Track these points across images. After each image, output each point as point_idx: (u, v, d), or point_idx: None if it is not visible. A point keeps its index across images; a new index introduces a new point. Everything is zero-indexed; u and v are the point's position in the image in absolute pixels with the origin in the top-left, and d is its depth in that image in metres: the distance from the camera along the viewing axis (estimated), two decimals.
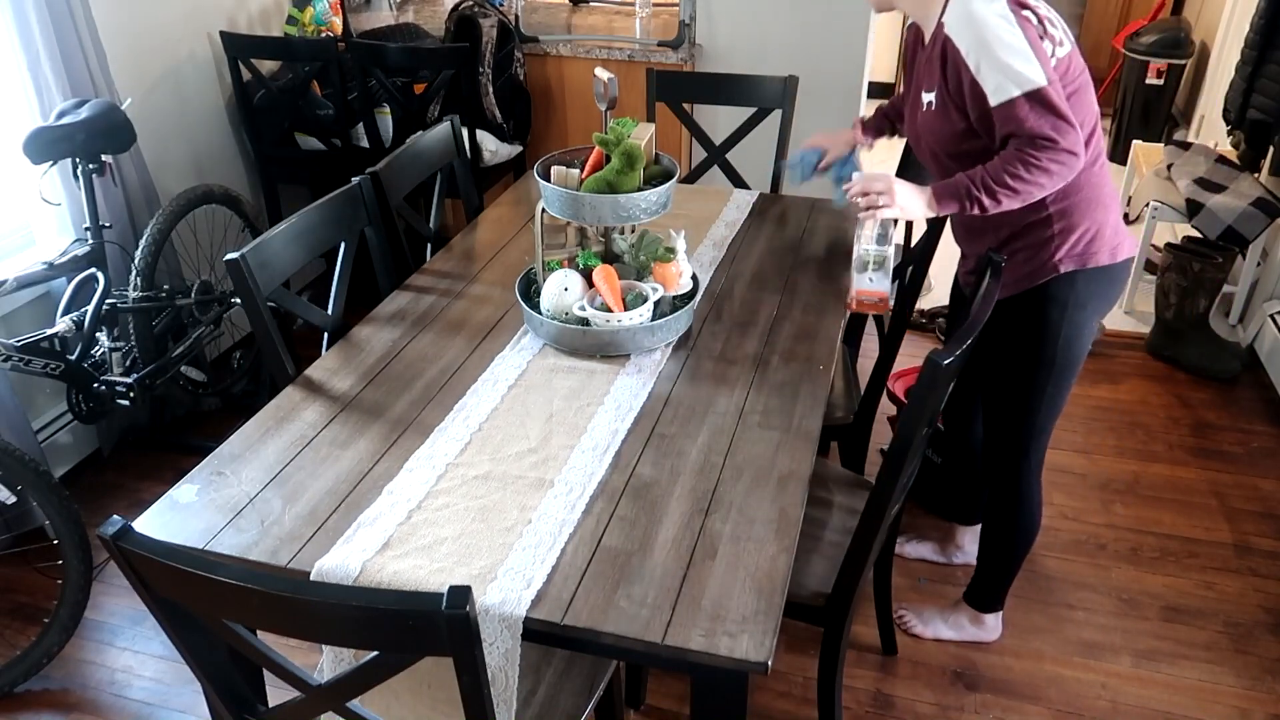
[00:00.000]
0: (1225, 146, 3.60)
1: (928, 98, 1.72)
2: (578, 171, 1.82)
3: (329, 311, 1.97)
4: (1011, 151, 1.59)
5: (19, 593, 2.41)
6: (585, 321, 1.77)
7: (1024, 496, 1.98)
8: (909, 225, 2.54)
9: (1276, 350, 3.05)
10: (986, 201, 1.63)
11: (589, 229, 1.91)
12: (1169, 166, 3.51)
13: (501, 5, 3.51)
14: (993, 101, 1.57)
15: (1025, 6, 1.60)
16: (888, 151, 2.51)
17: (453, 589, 0.94)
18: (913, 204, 1.72)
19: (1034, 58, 1.54)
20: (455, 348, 1.85)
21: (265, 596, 0.99)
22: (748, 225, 2.37)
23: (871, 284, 1.85)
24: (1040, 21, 1.61)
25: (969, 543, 2.40)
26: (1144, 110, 4.74)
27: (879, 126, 2.15)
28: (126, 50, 2.78)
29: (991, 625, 2.19)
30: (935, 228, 2.12)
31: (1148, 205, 3.42)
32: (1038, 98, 1.54)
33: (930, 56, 1.68)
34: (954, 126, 1.68)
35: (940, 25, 1.65)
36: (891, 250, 1.86)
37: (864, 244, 1.85)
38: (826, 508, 1.89)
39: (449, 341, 1.87)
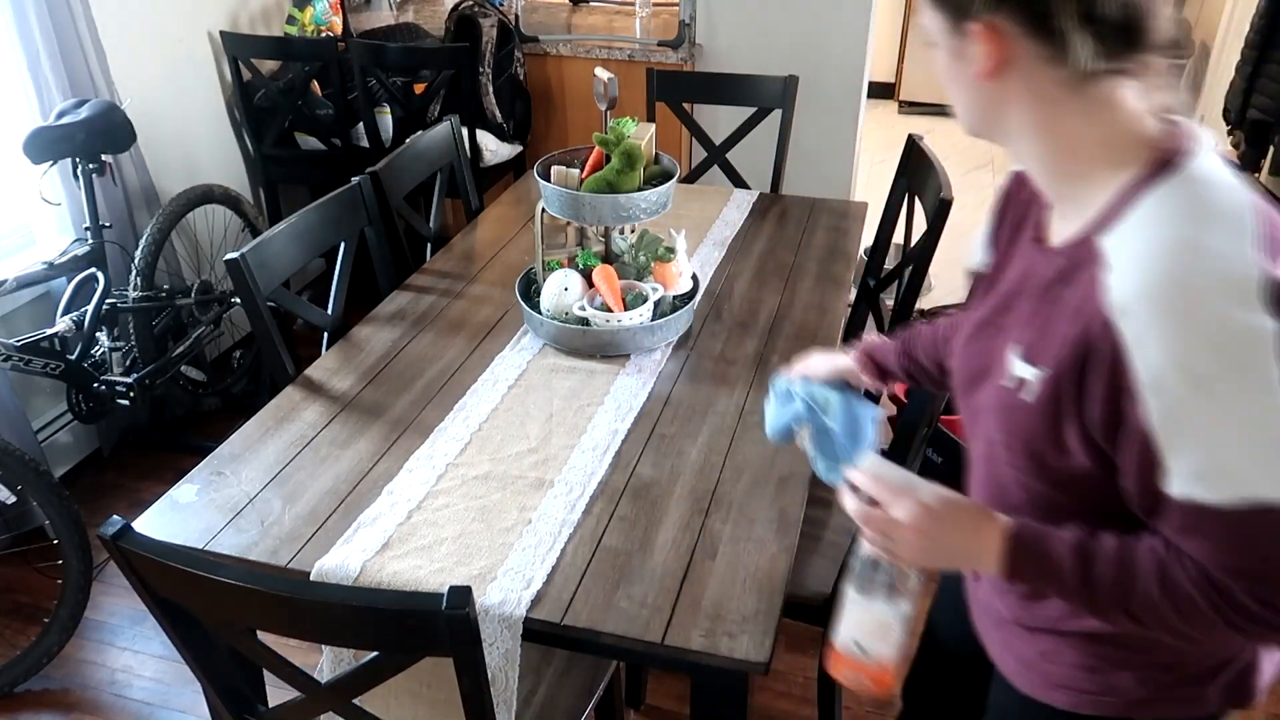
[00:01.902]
0: (1225, 146, 3.60)
1: (1024, 372, 0.88)
2: (578, 171, 1.82)
3: (329, 311, 1.97)
4: (1192, 571, 0.80)
5: (19, 593, 2.41)
6: (585, 321, 1.77)
7: None
8: (909, 221, 2.37)
9: None
10: (1119, 620, 0.85)
11: (589, 229, 1.91)
12: None
13: (501, 5, 3.51)
14: (1174, 491, 0.78)
15: None
16: (884, 152, 2.04)
17: (453, 589, 0.94)
18: (941, 557, 0.94)
19: None
20: (455, 348, 1.85)
21: (265, 596, 0.99)
22: (748, 225, 2.37)
23: (860, 652, 1.03)
24: None
25: None
26: None
27: (895, 366, 1.30)
28: (126, 50, 2.78)
29: None
30: (937, 225, 2.04)
31: None
32: (1274, 522, 0.75)
33: (1050, 286, 0.88)
34: (1063, 458, 0.87)
35: (1093, 251, 0.83)
36: (903, 612, 1.01)
37: (856, 590, 1.02)
38: (826, 508, 1.89)
39: (449, 341, 1.87)
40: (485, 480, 1.47)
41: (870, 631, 1.01)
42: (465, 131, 3.16)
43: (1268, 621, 0.78)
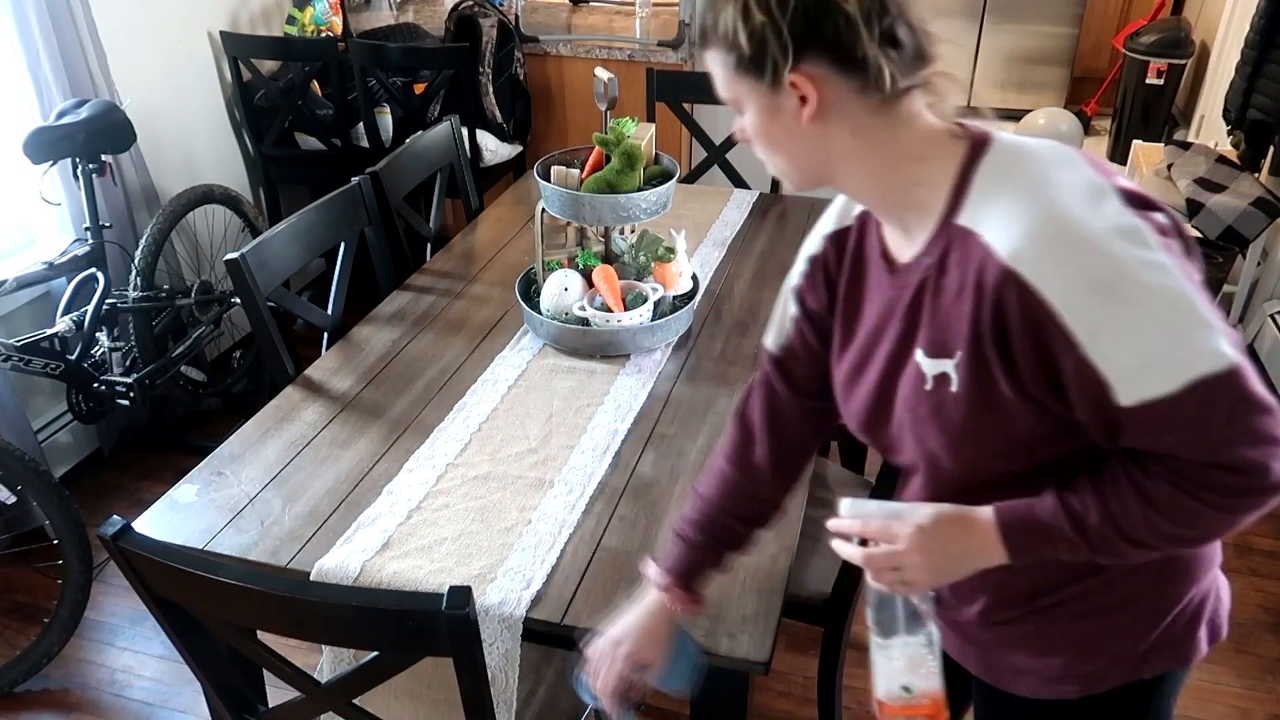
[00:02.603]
0: (1225, 146, 3.59)
1: (940, 367, 0.90)
2: (578, 171, 1.82)
3: (329, 311, 1.97)
4: (1161, 479, 0.84)
5: (19, 593, 2.41)
6: (585, 321, 1.77)
7: None
8: None
9: (1276, 350, 3.05)
10: (1083, 553, 0.89)
11: (589, 229, 1.91)
12: (1169, 166, 3.50)
13: (501, 5, 3.51)
14: (1124, 400, 0.80)
15: (1154, 207, 0.85)
16: None
17: (453, 589, 0.94)
18: (952, 568, 0.95)
19: (1205, 314, 0.79)
20: (455, 348, 1.85)
21: (265, 596, 0.99)
22: (748, 225, 2.37)
23: (907, 694, 1.01)
24: (1181, 234, 0.86)
25: None
26: (1144, 110, 4.74)
27: (701, 558, 1.17)
28: (126, 50, 2.78)
29: None
30: None
31: None
32: (1221, 386, 0.78)
33: (925, 286, 0.91)
34: (1012, 428, 0.88)
35: (956, 233, 0.86)
36: (929, 637, 1.01)
37: (879, 635, 1.03)
38: (826, 508, 1.88)
39: (449, 341, 1.87)
40: (485, 480, 1.47)
41: (907, 670, 1.01)
42: (465, 131, 3.16)
43: (1245, 488, 0.82)
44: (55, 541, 2.09)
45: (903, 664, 1.00)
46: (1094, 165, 0.85)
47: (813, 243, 1.09)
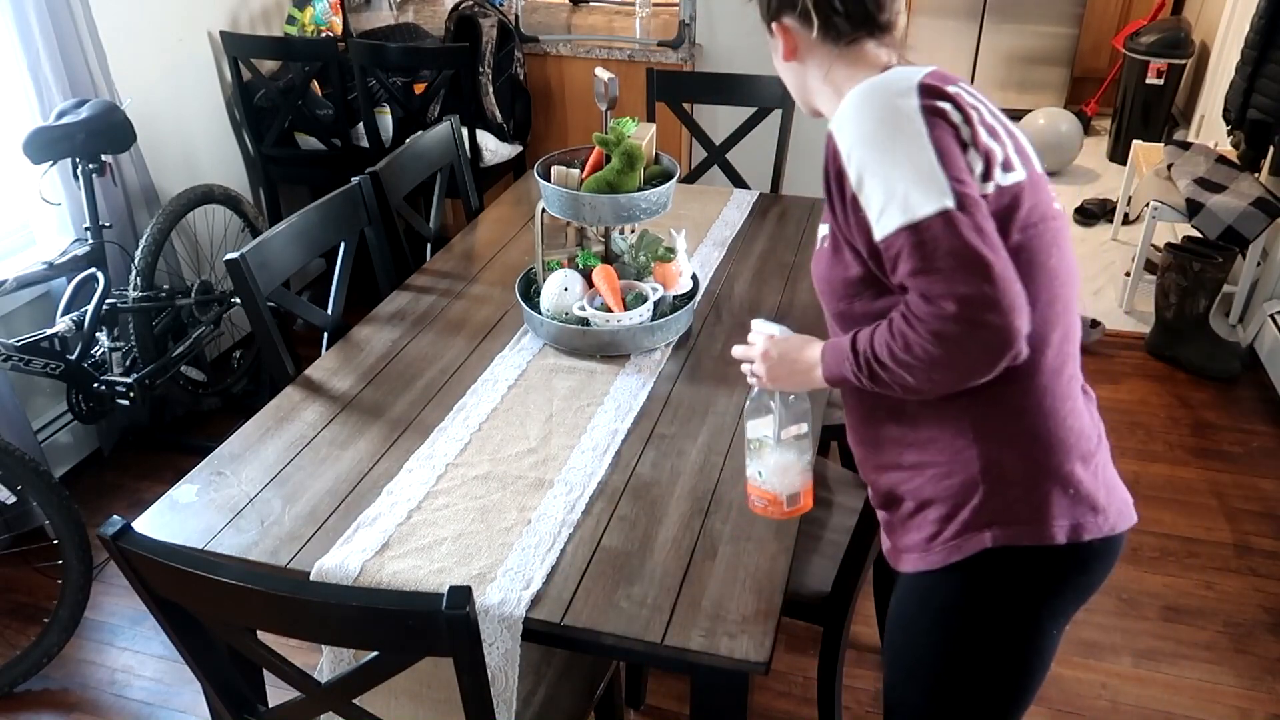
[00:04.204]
0: (1225, 146, 3.60)
1: (822, 231, 1.20)
2: (578, 171, 1.82)
3: (329, 311, 1.97)
4: (898, 311, 1.05)
5: (19, 593, 2.41)
6: (585, 321, 1.77)
7: None
8: None
9: (1276, 350, 3.05)
10: (865, 380, 1.10)
11: (589, 229, 1.91)
12: (1169, 166, 3.51)
13: (501, 5, 3.51)
14: (877, 234, 1.04)
15: (946, 98, 1.07)
16: None
17: (453, 589, 0.94)
18: (790, 376, 1.22)
19: (939, 171, 1.01)
20: (455, 348, 1.85)
21: (265, 596, 0.99)
22: (748, 225, 2.37)
23: (761, 479, 1.26)
24: (969, 123, 1.08)
25: None
26: (1144, 110, 4.74)
27: None
28: (126, 50, 2.78)
29: None
30: None
31: (1148, 205, 3.42)
32: (937, 227, 0.99)
33: (826, 171, 1.13)
34: (845, 271, 1.13)
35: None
36: (775, 431, 1.25)
37: (747, 422, 1.29)
38: (826, 507, 1.89)
39: (449, 341, 1.87)
40: (485, 480, 1.48)
41: (769, 466, 1.26)
42: (465, 131, 3.16)
43: (952, 316, 0.98)
44: (55, 541, 2.09)
45: (772, 462, 1.25)
46: (932, 75, 1.10)
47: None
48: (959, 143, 1.06)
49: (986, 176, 1.06)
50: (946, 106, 1.07)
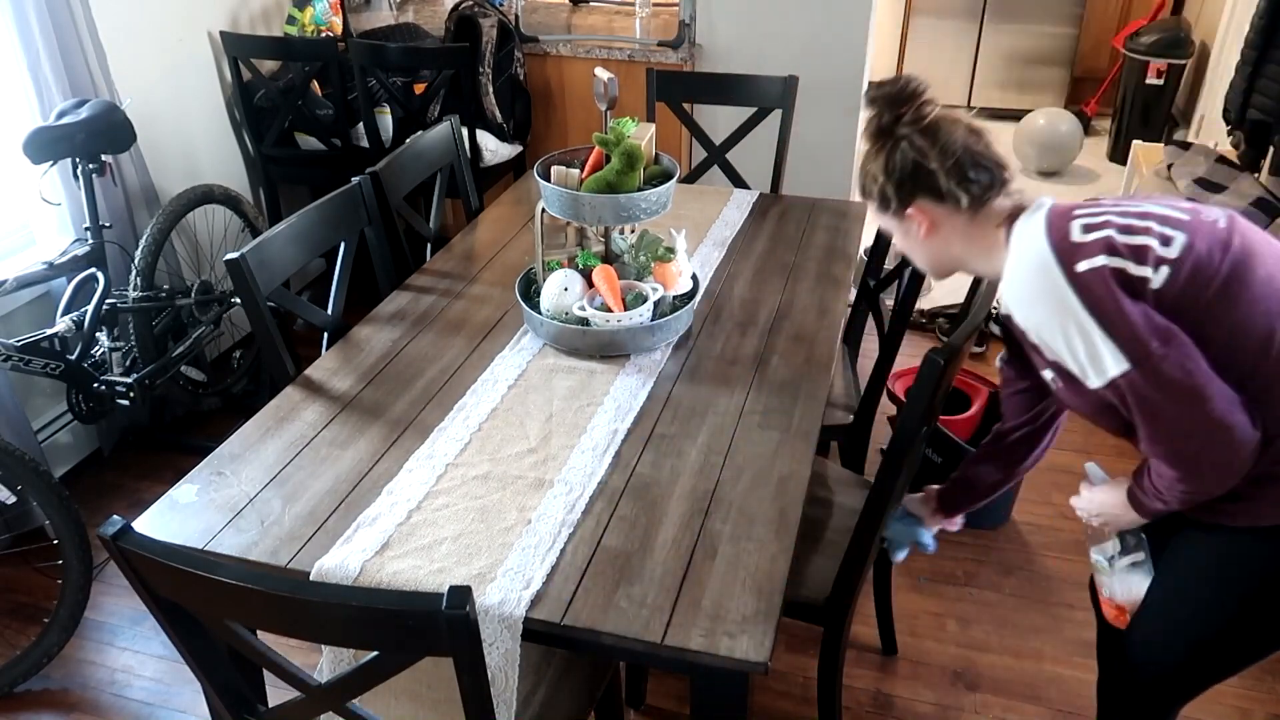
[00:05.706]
0: (1225, 146, 3.59)
1: (1048, 376, 1.34)
2: (578, 171, 1.82)
3: (329, 311, 1.97)
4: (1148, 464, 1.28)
5: (19, 593, 2.41)
6: (585, 321, 1.77)
7: None
8: None
9: None
10: (1174, 506, 1.29)
11: (589, 229, 1.91)
12: (1169, 166, 3.50)
13: (501, 5, 3.51)
14: (1094, 383, 1.21)
15: (1075, 232, 1.20)
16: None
17: (452, 589, 0.94)
18: (1117, 520, 1.43)
19: (1107, 343, 1.16)
20: (455, 348, 1.85)
21: (265, 596, 0.99)
22: (748, 225, 2.37)
23: (1114, 596, 1.51)
24: (1114, 250, 1.17)
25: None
26: (1144, 110, 4.74)
27: (961, 495, 1.66)
28: (126, 50, 2.78)
29: None
30: None
31: None
32: (1123, 385, 1.17)
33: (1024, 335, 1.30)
34: (1091, 392, 1.24)
35: None
36: (1122, 553, 1.48)
37: (1090, 546, 1.54)
38: (826, 508, 1.89)
39: (449, 341, 1.87)
40: (485, 480, 1.48)
41: (1119, 588, 1.48)
42: (465, 131, 3.16)
43: (1174, 457, 1.20)
44: (55, 541, 2.09)
45: (1122, 587, 1.48)
46: (1052, 225, 1.22)
47: None
48: (1114, 278, 1.16)
49: (1155, 265, 1.16)
50: (1084, 240, 1.19)
